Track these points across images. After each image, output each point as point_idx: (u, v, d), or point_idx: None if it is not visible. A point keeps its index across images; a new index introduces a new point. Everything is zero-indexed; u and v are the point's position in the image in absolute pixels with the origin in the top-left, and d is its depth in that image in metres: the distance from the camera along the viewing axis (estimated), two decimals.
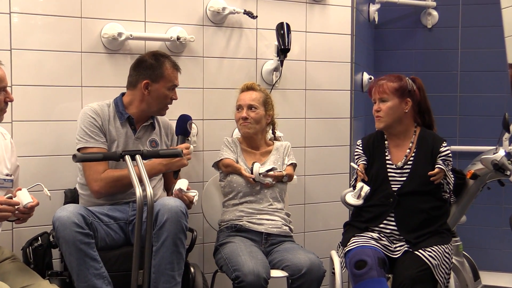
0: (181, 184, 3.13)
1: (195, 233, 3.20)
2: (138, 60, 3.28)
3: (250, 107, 3.45)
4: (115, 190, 3.13)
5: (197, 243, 3.24)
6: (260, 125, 3.50)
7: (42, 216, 3.06)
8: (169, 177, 3.37)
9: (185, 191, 3.10)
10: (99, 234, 2.94)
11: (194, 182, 3.73)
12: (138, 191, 2.55)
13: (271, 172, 3.39)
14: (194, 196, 3.13)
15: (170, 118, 3.45)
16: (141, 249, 2.69)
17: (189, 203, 3.11)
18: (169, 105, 3.31)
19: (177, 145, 3.29)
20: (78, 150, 3.12)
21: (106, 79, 3.52)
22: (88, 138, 3.12)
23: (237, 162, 3.46)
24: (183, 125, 3.32)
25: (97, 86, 3.45)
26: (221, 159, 3.46)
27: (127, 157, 2.70)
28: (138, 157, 2.72)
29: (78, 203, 3.20)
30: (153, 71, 3.20)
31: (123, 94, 3.31)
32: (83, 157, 2.68)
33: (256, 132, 3.50)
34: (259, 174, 3.36)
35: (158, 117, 3.38)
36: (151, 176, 3.17)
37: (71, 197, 3.31)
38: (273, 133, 3.66)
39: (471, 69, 5.12)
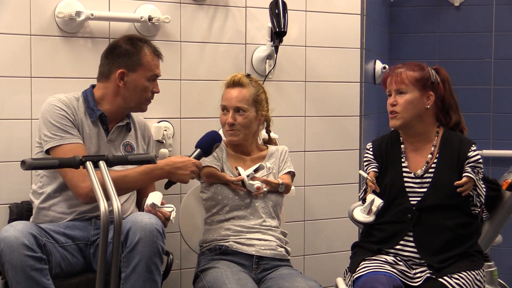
0: (154, 197, 3.14)
1: (171, 256, 3.22)
2: (111, 46, 3.30)
3: (237, 109, 3.45)
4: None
5: (173, 268, 3.27)
6: (250, 130, 3.51)
7: None
8: (143, 191, 3.40)
9: (159, 206, 3.12)
10: (53, 258, 2.93)
11: (170, 194, 3.72)
12: (103, 205, 2.48)
13: (259, 174, 3.40)
14: (170, 212, 3.15)
15: (144, 116, 3.49)
16: (106, 276, 2.63)
17: (164, 220, 3.12)
18: (151, 100, 3.34)
19: (191, 156, 3.27)
20: (48, 151, 3.11)
21: (62, 68, 3.54)
22: (63, 133, 3.11)
23: (222, 170, 3.48)
24: (210, 143, 3.33)
25: (50, 77, 3.47)
26: (202, 167, 3.47)
27: (88, 164, 2.66)
28: (102, 163, 2.68)
29: (25, 220, 3.16)
30: (129, 58, 3.22)
31: (93, 86, 3.33)
32: (34, 163, 2.65)
33: (245, 138, 3.52)
34: (247, 176, 3.37)
35: (134, 117, 3.42)
36: (150, 181, 3.25)
37: (18, 213, 3.31)
38: (268, 132, 3.68)
39: (508, 57, 5.16)
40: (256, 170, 3.39)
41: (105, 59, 3.29)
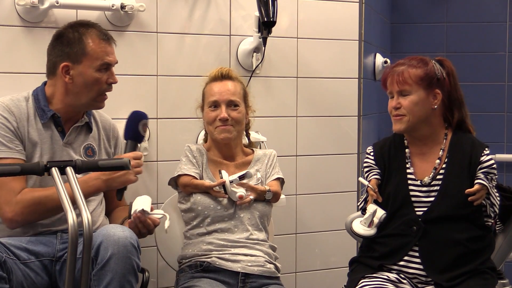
0: (143, 203, 3.14)
1: (147, 274, 3.23)
2: (55, 36, 3.26)
3: (230, 103, 3.47)
4: (36, 216, 3.12)
5: (149, 287, 3.27)
6: (241, 128, 3.54)
7: None
8: (112, 198, 3.40)
9: (149, 212, 3.13)
10: (14, 277, 2.91)
11: None
12: (71, 216, 2.46)
13: (245, 181, 3.41)
14: (160, 220, 3.16)
15: (115, 117, 3.48)
16: None
17: (153, 228, 3.15)
18: (106, 93, 3.29)
19: (124, 152, 3.26)
20: None
21: (23, 62, 3.55)
22: None
23: (201, 178, 3.48)
24: (134, 126, 3.27)
25: (9, 72, 3.47)
26: (179, 176, 3.49)
27: (54, 170, 2.65)
28: (69, 170, 2.66)
29: None
30: (72, 49, 3.17)
31: (45, 83, 3.32)
32: None
33: (238, 136, 3.55)
34: (230, 182, 3.37)
35: (97, 115, 3.40)
36: (86, 196, 3.13)
37: None
38: (247, 135, 3.70)
39: None
40: (241, 177, 3.39)
41: (49, 51, 3.25)
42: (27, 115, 3.19)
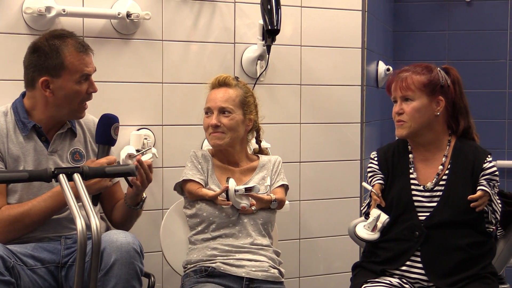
0: (127, 149, 3.20)
1: (152, 279, 3.24)
2: (30, 48, 3.20)
3: (222, 110, 3.46)
4: (16, 234, 3.09)
5: None
6: (237, 134, 3.51)
7: None
8: (113, 194, 3.40)
9: (136, 154, 3.15)
10: (22, 282, 2.93)
11: (151, 209, 3.77)
12: (80, 222, 2.45)
13: (252, 192, 3.40)
14: (150, 158, 3.22)
15: (121, 124, 3.46)
16: None
17: (147, 170, 3.18)
18: (86, 102, 3.26)
19: (98, 157, 3.20)
20: None
21: None
22: None
23: (207, 184, 3.48)
24: (106, 129, 3.20)
25: (17, 79, 3.44)
26: (184, 181, 3.48)
27: (62, 177, 2.64)
28: (76, 176, 2.66)
29: None
30: (49, 62, 3.11)
31: (24, 94, 3.28)
32: (1, 177, 2.66)
33: (232, 144, 3.52)
34: (235, 192, 3.36)
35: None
36: (59, 207, 3.11)
37: None
38: (258, 142, 3.70)
39: None
40: (248, 190, 3.38)
41: (26, 64, 3.20)
42: (6, 130, 3.17)
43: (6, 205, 3.10)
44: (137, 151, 3.63)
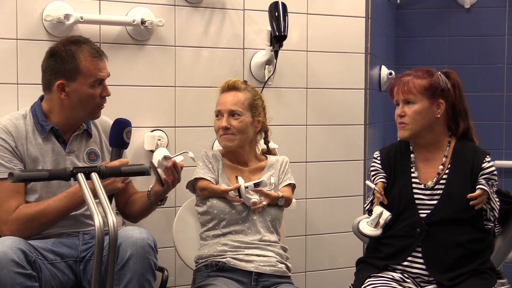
0: (161, 152, 3.20)
1: (165, 273, 3.26)
2: (48, 53, 3.23)
3: (231, 113, 3.47)
4: (32, 231, 3.11)
5: (168, 285, 3.30)
6: (246, 136, 3.52)
7: None
8: (128, 190, 3.43)
9: (171, 156, 3.17)
10: (43, 276, 2.94)
11: (164, 207, 3.76)
12: (97, 219, 2.47)
13: (261, 188, 3.42)
14: (182, 160, 3.26)
15: (135, 125, 3.47)
16: None
17: (179, 171, 3.24)
18: (103, 104, 3.28)
19: (111, 160, 3.22)
20: None
21: None
22: None
23: (217, 183, 3.49)
24: (118, 134, 3.21)
25: (38, 83, 3.45)
26: (196, 179, 3.50)
27: (80, 176, 2.65)
28: (94, 175, 2.67)
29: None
30: (65, 66, 3.14)
31: (42, 97, 3.30)
32: (23, 175, 2.63)
33: (241, 145, 3.53)
34: (245, 188, 3.37)
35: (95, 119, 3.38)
36: (74, 207, 3.15)
37: None
38: (266, 143, 3.71)
39: None
40: (256, 185, 3.39)
41: (44, 68, 3.22)
42: (26, 132, 3.19)
43: (24, 204, 3.12)
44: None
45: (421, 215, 3.27)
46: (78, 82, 3.15)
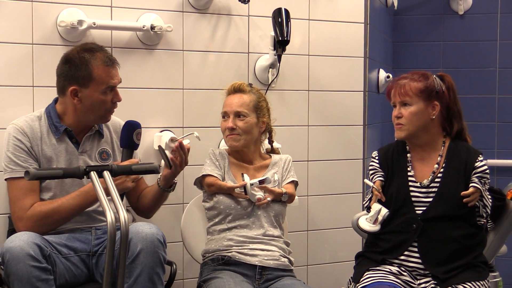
0: (166, 135, 3.25)
1: (174, 266, 3.25)
2: (63, 58, 3.24)
3: (237, 114, 3.48)
4: (47, 228, 3.12)
5: (176, 278, 3.29)
6: (251, 136, 3.53)
7: None
8: (139, 186, 3.43)
9: (177, 138, 3.20)
10: (58, 269, 2.96)
11: (172, 204, 3.79)
12: (109, 215, 2.50)
13: (265, 184, 3.43)
14: (189, 143, 3.32)
15: (146, 126, 3.50)
16: (112, 287, 2.66)
17: (187, 153, 3.26)
18: (113, 109, 3.30)
19: (122, 160, 3.24)
20: (6, 180, 3.16)
21: None
22: (14, 165, 3.13)
23: (224, 180, 3.50)
24: (129, 135, 3.25)
25: (52, 86, 3.46)
26: (203, 176, 3.51)
27: (93, 174, 2.67)
28: (106, 173, 2.70)
29: None
30: (79, 73, 3.15)
31: (56, 100, 3.31)
32: (38, 174, 2.64)
33: (247, 144, 3.53)
34: (251, 185, 3.39)
35: None
36: (86, 205, 3.16)
37: None
38: (270, 143, 3.71)
39: None
40: (261, 182, 3.41)
41: (59, 73, 3.23)
42: (40, 133, 3.21)
43: (38, 201, 3.13)
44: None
45: (417, 211, 3.27)
46: (91, 88, 3.16)
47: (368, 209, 3.38)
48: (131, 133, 3.23)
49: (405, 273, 3.23)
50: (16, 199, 3.11)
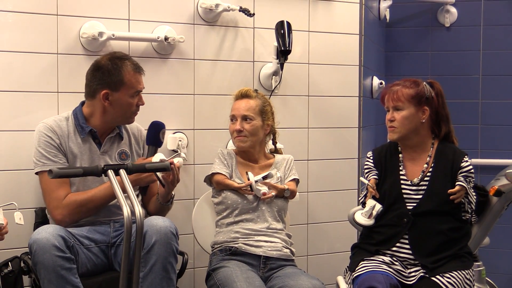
0: (157, 157, 3.18)
1: (186, 256, 3.24)
2: (94, 66, 3.25)
3: (244, 118, 3.48)
4: (81, 216, 3.16)
5: (188, 267, 3.28)
6: (257, 137, 3.53)
7: (12, 239, 3.11)
8: (151, 189, 3.40)
9: (166, 159, 3.14)
10: (80, 259, 2.97)
11: (184, 199, 3.77)
12: (126, 209, 2.54)
13: (268, 180, 3.42)
14: (178, 161, 3.28)
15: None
16: (128, 275, 2.69)
17: (177, 172, 3.21)
18: (137, 112, 3.31)
19: (147, 156, 3.30)
20: (37, 174, 3.17)
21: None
22: (45, 160, 3.14)
23: (231, 177, 3.49)
24: (155, 134, 3.32)
25: (75, 92, 3.47)
26: (212, 174, 3.49)
27: (110, 172, 2.71)
28: (122, 171, 2.73)
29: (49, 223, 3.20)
30: (112, 78, 3.17)
31: (83, 103, 3.32)
32: (60, 172, 2.67)
33: (253, 145, 3.53)
34: (255, 182, 3.38)
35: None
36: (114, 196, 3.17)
37: (42, 216, 3.32)
38: (274, 143, 3.69)
39: (494, 73, 5.17)
40: (265, 177, 3.40)
41: (90, 78, 3.24)
42: (68, 132, 3.22)
43: (71, 192, 3.15)
44: (174, 151, 3.67)
45: (408, 207, 3.27)
46: (121, 92, 3.19)
47: (363, 204, 3.37)
48: (157, 132, 3.31)
49: (396, 263, 3.21)
50: (50, 191, 3.12)
